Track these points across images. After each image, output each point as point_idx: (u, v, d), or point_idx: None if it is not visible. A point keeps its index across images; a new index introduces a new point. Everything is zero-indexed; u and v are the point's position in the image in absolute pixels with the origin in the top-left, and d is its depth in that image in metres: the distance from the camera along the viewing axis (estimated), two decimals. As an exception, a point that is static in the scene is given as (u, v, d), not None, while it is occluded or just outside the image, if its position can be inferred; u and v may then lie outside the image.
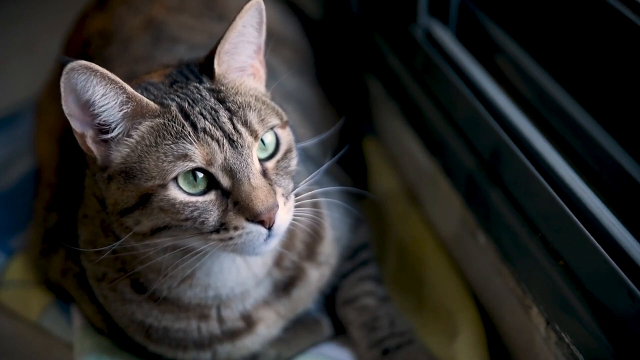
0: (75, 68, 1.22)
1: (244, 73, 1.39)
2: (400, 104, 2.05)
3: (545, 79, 1.64)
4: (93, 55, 1.80)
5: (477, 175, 1.68)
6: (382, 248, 1.91)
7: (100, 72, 1.24)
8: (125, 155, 1.30)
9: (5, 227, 1.99)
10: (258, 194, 1.27)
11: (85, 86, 1.24)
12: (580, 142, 1.52)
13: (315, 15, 2.42)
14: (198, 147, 1.26)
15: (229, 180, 1.28)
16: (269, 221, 1.28)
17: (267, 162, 1.34)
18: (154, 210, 1.28)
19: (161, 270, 1.40)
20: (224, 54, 1.35)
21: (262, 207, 1.26)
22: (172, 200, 1.27)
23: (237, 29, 1.34)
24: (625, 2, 1.42)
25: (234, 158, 1.27)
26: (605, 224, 1.38)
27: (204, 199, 1.28)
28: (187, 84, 1.34)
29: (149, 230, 1.30)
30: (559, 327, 1.43)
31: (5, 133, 2.31)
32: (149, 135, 1.28)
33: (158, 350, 1.54)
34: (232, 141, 1.28)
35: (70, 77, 1.23)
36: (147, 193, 1.27)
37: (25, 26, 2.82)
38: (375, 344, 1.64)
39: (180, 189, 1.27)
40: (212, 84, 1.35)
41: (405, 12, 1.99)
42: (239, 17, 1.33)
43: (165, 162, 1.26)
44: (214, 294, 1.47)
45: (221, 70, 1.36)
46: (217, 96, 1.32)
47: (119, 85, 1.26)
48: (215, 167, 1.27)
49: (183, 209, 1.27)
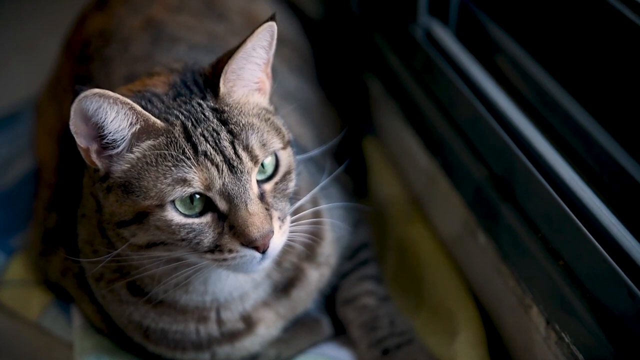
0: (88, 96, 1.21)
1: (249, 89, 1.37)
2: (400, 103, 2.05)
3: (546, 78, 1.64)
4: (92, 55, 1.80)
5: (477, 174, 1.68)
6: (382, 248, 1.91)
7: (112, 97, 1.23)
8: (125, 170, 1.29)
9: (5, 226, 1.99)
10: (254, 221, 1.27)
11: (96, 111, 1.24)
12: (580, 142, 1.52)
13: (315, 15, 2.42)
14: (197, 171, 1.26)
15: (226, 205, 1.28)
16: (263, 247, 1.28)
17: (265, 183, 1.33)
18: (151, 228, 1.28)
19: (157, 278, 1.40)
20: (230, 73, 1.33)
21: (258, 234, 1.27)
22: (169, 221, 1.27)
23: (246, 50, 1.32)
24: (625, 2, 1.42)
25: (232, 184, 1.27)
26: (605, 224, 1.38)
27: (200, 220, 1.28)
28: (190, 99, 1.32)
29: (145, 244, 1.31)
30: (559, 326, 1.43)
31: (5, 133, 2.31)
32: (150, 153, 1.28)
33: (157, 351, 1.54)
34: (231, 166, 1.27)
35: (81, 103, 1.22)
36: (144, 211, 1.28)
37: (25, 26, 2.82)
38: (375, 343, 1.64)
39: (177, 211, 1.27)
40: (215, 102, 1.33)
41: (405, 11, 1.99)
42: (249, 40, 1.30)
43: (164, 185, 1.25)
44: (211, 299, 1.48)
45: (226, 89, 1.34)
46: (220, 117, 1.31)
47: (129, 107, 1.25)
48: (213, 192, 1.27)
49: (179, 230, 1.28)
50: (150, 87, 1.36)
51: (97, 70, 1.75)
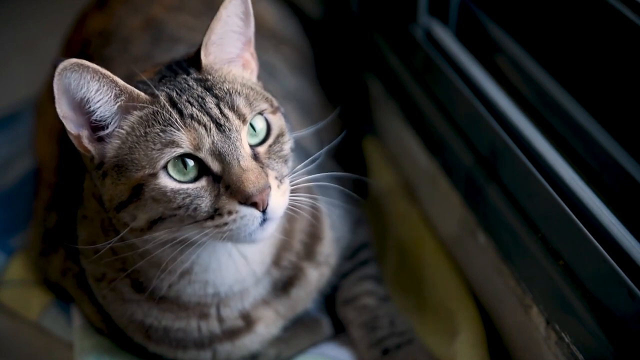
0: (67, 67, 1.23)
1: (233, 64, 1.40)
2: (400, 103, 2.05)
3: (545, 78, 1.64)
4: (92, 55, 1.81)
5: (477, 175, 1.68)
6: (382, 248, 1.91)
7: (91, 67, 1.25)
8: (117, 147, 1.30)
9: (5, 226, 1.99)
10: (249, 176, 1.27)
11: (79, 84, 1.25)
12: (580, 142, 1.52)
13: (315, 14, 2.42)
14: (185, 132, 1.27)
15: (219, 165, 1.28)
16: (262, 203, 1.27)
17: (259, 147, 1.34)
18: (147, 201, 1.28)
19: (160, 265, 1.40)
20: (210, 45, 1.36)
21: (254, 189, 1.26)
22: (163, 188, 1.27)
23: (222, 19, 1.35)
24: (625, 2, 1.42)
25: (222, 142, 1.27)
26: (605, 224, 1.38)
27: (195, 185, 1.28)
28: (175, 77, 1.35)
29: (146, 224, 1.31)
30: (559, 326, 1.43)
31: (5, 133, 2.31)
32: (138, 125, 1.29)
33: (158, 350, 1.54)
34: (219, 125, 1.28)
35: (62, 77, 1.23)
36: (139, 184, 1.28)
37: (25, 26, 2.82)
38: (375, 343, 1.64)
39: (171, 177, 1.28)
40: (199, 74, 1.36)
41: (405, 11, 1.99)
42: (223, 7, 1.34)
43: (154, 151, 1.27)
44: (213, 292, 1.47)
45: (208, 61, 1.37)
46: (204, 85, 1.33)
47: (110, 79, 1.27)
48: (204, 152, 1.27)
49: (175, 197, 1.27)
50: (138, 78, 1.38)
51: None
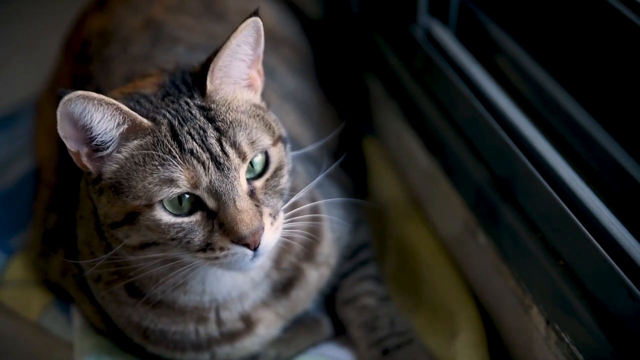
0: (72, 98, 1.21)
1: (239, 85, 1.37)
2: (400, 104, 2.05)
3: (546, 78, 1.63)
4: (92, 55, 1.80)
5: (477, 175, 1.68)
6: (382, 248, 1.91)
7: (97, 99, 1.23)
8: (115, 170, 1.30)
9: (5, 227, 1.99)
10: (243, 218, 1.26)
11: (82, 113, 1.24)
12: (580, 142, 1.52)
13: (315, 15, 2.41)
14: (183, 170, 1.25)
15: (214, 202, 1.28)
16: (253, 244, 1.28)
17: (255, 180, 1.33)
18: (142, 228, 1.28)
19: (154, 279, 1.40)
20: (217, 70, 1.33)
21: (247, 231, 1.26)
22: (158, 221, 1.27)
23: (231, 48, 1.31)
24: (625, 2, 1.42)
25: (219, 181, 1.26)
26: (605, 224, 1.38)
27: (190, 219, 1.28)
28: (178, 98, 1.32)
29: (138, 245, 1.31)
30: (559, 327, 1.43)
31: (5, 133, 2.31)
32: (137, 152, 1.28)
33: (156, 351, 1.54)
34: (218, 164, 1.27)
35: (67, 106, 1.22)
36: (134, 211, 1.28)
37: (25, 26, 2.82)
38: (375, 343, 1.64)
39: (166, 210, 1.27)
40: (202, 100, 1.33)
41: (405, 12, 1.99)
42: (233, 37, 1.30)
43: (151, 184, 1.26)
44: (210, 299, 1.48)
45: (213, 87, 1.34)
46: (207, 115, 1.31)
47: (114, 107, 1.25)
48: (201, 190, 1.27)
49: (169, 230, 1.28)
50: (140, 88, 1.36)
51: (96, 71, 1.75)
